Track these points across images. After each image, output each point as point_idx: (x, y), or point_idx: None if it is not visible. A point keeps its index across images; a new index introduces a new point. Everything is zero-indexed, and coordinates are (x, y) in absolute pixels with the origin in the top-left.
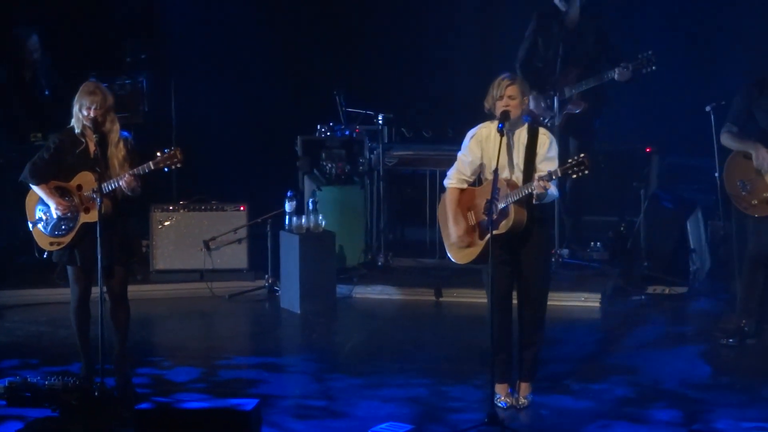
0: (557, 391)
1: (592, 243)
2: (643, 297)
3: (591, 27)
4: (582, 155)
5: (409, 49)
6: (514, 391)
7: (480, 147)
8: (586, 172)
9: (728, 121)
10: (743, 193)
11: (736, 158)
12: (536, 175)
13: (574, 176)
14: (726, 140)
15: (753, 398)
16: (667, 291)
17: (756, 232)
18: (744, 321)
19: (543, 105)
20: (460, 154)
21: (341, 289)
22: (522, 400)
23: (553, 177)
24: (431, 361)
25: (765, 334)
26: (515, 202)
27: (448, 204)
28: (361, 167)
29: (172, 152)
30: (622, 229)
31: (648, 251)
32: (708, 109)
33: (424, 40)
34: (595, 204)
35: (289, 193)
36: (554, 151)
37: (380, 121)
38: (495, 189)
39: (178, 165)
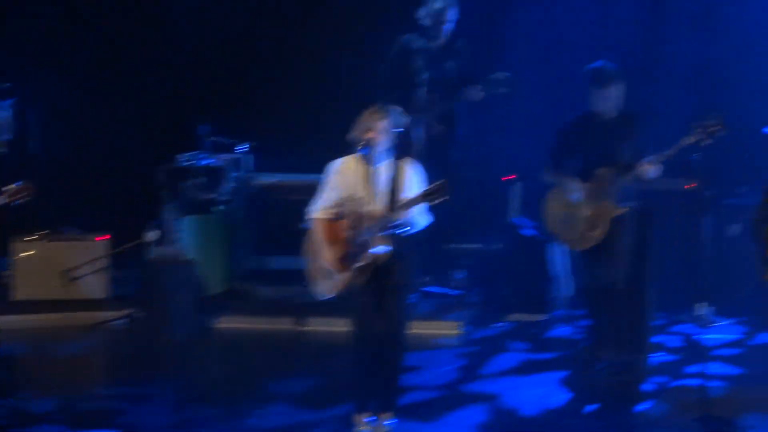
0: (418, 419)
1: (453, 271)
2: (503, 324)
3: (454, 50)
4: (440, 182)
5: (273, 79)
6: (376, 419)
7: (344, 178)
8: (445, 197)
9: (549, 156)
10: (566, 230)
11: (553, 195)
12: (401, 206)
13: (433, 202)
14: (547, 177)
15: (611, 424)
16: (527, 318)
17: (586, 265)
18: (601, 350)
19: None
20: (323, 185)
21: (203, 318)
22: (382, 429)
23: (413, 205)
24: (293, 390)
25: (631, 362)
26: (380, 234)
27: (315, 236)
28: (223, 196)
29: (20, 187)
30: (482, 256)
31: (509, 279)
32: None
33: (287, 68)
34: (456, 232)
35: (151, 223)
36: (419, 182)
37: (243, 150)
38: (359, 221)
39: (28, 198)
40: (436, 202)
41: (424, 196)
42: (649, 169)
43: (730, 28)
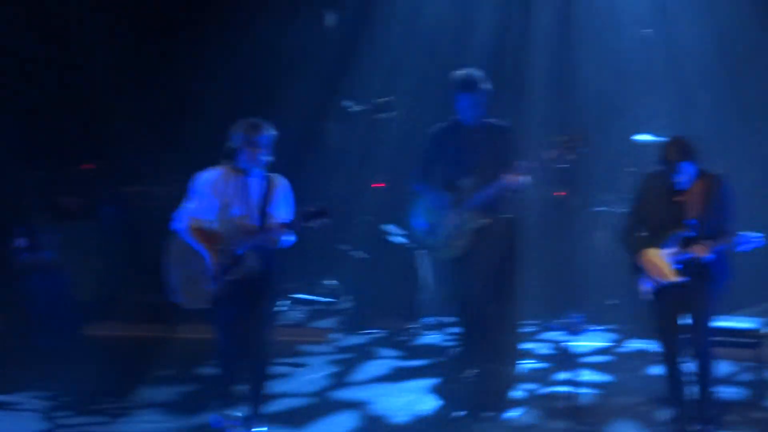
0: (288, 426)
1: (323, 279)
2: (373, 332)
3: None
4: (322, 205)
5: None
6: (241, 425)
7: (217, 189)
8: (326, 221)
9: (416, 165)
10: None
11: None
12: (274, 222)
13: (313, 224)
14: (414, 185)
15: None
16: (396, 326)
17: (452, 274)
18: (469, 358)
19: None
20: (192, 195)
21: (74, 325)
22: None
23: (294, 226)
24: (164, 396)
25: (500, 369)
26: (251, 247)
27: (182, 245)
28: (96, 204)
29: None
30: (352, 264)
31: (378, 286)
32: None
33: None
34: (326, 239)
35: (20, 230)
36: (289, 196)
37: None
38: (230, 233)
39: None
40: (317, 224)
41: (306, 218)
42: (516, 179)
43: (597, 38)
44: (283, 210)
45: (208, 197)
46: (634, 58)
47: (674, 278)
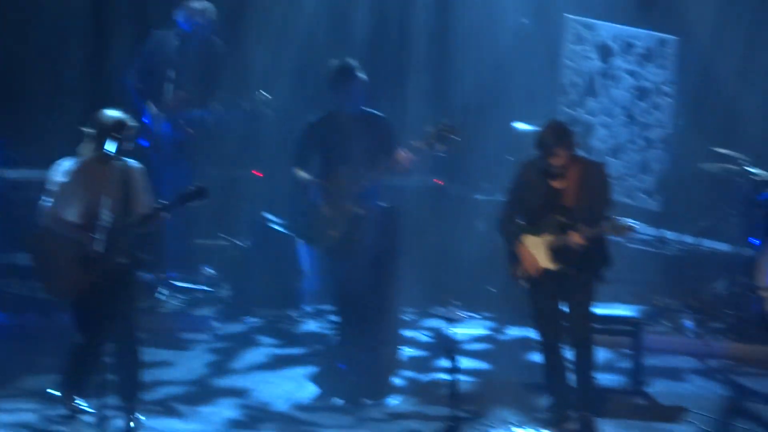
0: (167, 414)
1: (202, 267)
2: (253, 320)
3: (206, 53)
4: (198, 186)
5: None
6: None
7: (82, 178)
8: (204, 199)
9: (293, 154)
10: (308, 228)
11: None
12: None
13: (190, 203)
14: (292, 174)
15: (360, 419)
16: (276, 313)
17: (329, 264)
18: (348, 346)
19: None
20: (55, 184)
21: None
22: (130, 426)
23: (170, 209)
24: (39, 385)
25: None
26: (114, 236)
27: (46, 237)
28: None
29: None
30: (231, 252)
31: (258, 274)
32: None
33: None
34: (204, 227)
35: None
36: (147, 183)
37: None
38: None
39: None
40: (194, 203)
41: (182, 200)
42: (399, 166)
43: (476, 26)
44: (144, 197)
45: (75, 186)
46: (513, 47)
47: (551, 266)
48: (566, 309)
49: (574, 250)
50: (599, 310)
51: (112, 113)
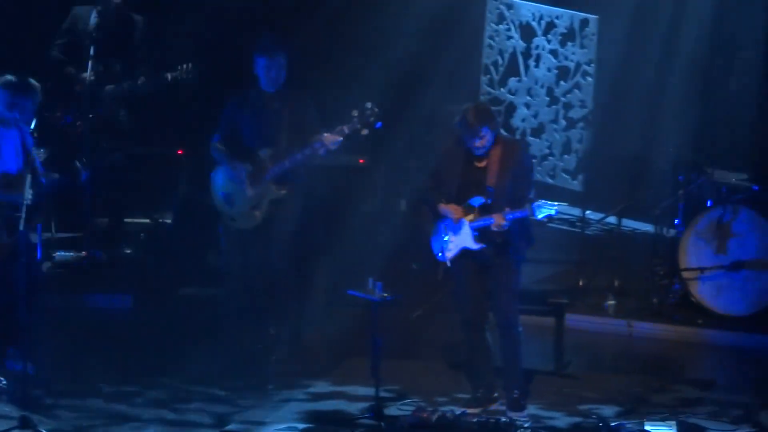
0: (92, 395)
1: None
2: (177, 295)
3: (125, 28)
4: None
5: None
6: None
7: None
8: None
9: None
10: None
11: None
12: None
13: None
14: (213, 153)
15: (287, 399)
16: (199, 292)
17: (249, 244)
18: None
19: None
20: None
21: None
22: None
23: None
24: None
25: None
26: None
27: None
28: None
29: None
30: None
31: (179, 252)
32: None
33: None
34: (127, 205)
35: None
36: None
37: None
38: None
39: None
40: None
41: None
42: (315, 147)
43: (396, 7)
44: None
45: None
46: (436, 27)
47: (473, 245)
48: (489, 289)
49: (496, 231)
50: (522, 290)
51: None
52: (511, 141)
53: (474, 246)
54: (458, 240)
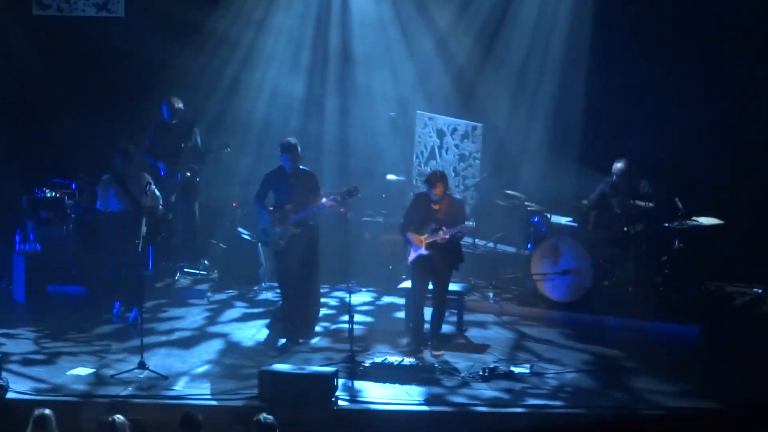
0: (181, 347)
1: (203, 260)
2: (231, 291)
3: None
4: None
5: None
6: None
7: None
8: None
9: (256, 194)
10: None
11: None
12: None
13: None
14: (254, 206)
15: (295, 351)
16: (245, 288)
17: (276, 261)
18: (288, 307)
19: None
20: None
21: None
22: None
23: None
24: None
25: (304, 314)
26: None
27: None
28: None
29: None
30: (220, 250)
31: (234, 264)
32: None
33: None
34: (201, 235)
35: None
36: None
37: None
38: None
39: None
40: None
41: None
42: (320, 206)
43: (363, 113)
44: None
45: None
46: (386, 130)
47: (425, 253)
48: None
49: (440, 244)
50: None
51: None
52: (451, 196)
53: (425, 253)
54: (416, 251)
